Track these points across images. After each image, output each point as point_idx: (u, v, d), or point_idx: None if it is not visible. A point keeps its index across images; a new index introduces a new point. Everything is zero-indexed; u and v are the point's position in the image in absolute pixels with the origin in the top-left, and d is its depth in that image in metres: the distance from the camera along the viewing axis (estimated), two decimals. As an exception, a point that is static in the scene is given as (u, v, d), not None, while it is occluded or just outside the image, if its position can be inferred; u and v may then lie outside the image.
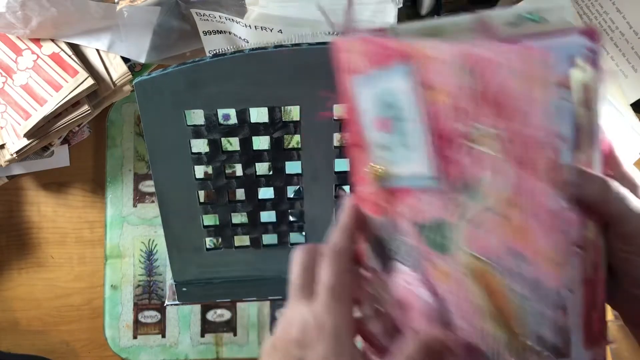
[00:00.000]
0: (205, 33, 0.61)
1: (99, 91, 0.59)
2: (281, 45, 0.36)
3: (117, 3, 0.57)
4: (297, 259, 0.32)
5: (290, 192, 0.43)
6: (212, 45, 0.62)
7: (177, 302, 0.45)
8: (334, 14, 0.53)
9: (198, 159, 0.40)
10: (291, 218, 0.43)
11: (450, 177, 0.27)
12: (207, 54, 0.63)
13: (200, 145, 0.40)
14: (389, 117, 0.29)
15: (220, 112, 0.39)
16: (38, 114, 0.57)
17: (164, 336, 0.67)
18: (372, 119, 0.30)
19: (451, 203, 0.27)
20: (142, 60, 0.60)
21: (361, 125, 0.31)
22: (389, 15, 0.53)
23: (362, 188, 0.32)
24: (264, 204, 0.42)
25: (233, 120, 0.39)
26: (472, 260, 0.27)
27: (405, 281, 0.31)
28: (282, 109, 0.39)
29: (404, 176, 0.29)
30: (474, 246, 0.27)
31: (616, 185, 0.25)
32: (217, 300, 0.45)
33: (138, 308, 0.67)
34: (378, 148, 0.30)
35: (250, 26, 0.56)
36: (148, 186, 0.66)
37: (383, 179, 0.31)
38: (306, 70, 0.37)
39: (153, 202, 0.65)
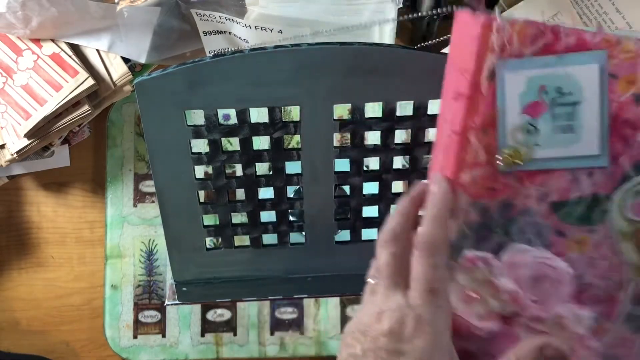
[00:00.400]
0: (205, 33, 0.61)
1: (99, 91, 0.59)
2: (281, 46, 0.36)
3: (118, 3, 0.57)
4: (385, 245, 0.31)
5: (290, 192, 0.43)
6: (212, 45, 0.62)
7: (177, 302, 0.45)
8: (336, 13, 0.53)
9: (198, 159, 0.40)
10: (291, 218, 0.43)
11: (623, 157, 0.31)
12: (207, 54, 0.63)
13: (200, 145, 0.40)
14: (544, 101, 0.31)
15: (220, 112, 0.39)
16: (38, 114, 0.57)
17: (164, 336, 0.67)
18: (518, 102, 0.31)
19: (612, 179, 0.31)
20: (143, 60, 0.60)
21: (495, 109, 0.31)
22: (389, 15, 0.53)
23: (466, 174, 0.32)
24: (264, 204, 0.42)
25: (233, 120, 0.39)
26: (628, 225, 0.32)
27: (535, 257, 0.33)
28: (282, 109, 0.39)
29: (552, 158, 0.32)
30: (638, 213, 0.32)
31: None
32: (217, 300, 0.45)
33: (138, 308, 0.67)
34: (519, 132, 0.31)
35: (250, 26, 0.56)
36: (148, 186, 0.66)
37: (517, 163, 0.32)
38: (306, 70, 0.37)
39: (153, 202, 0.65)
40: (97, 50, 0.59)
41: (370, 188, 0.43)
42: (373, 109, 0.62)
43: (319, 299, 0.66)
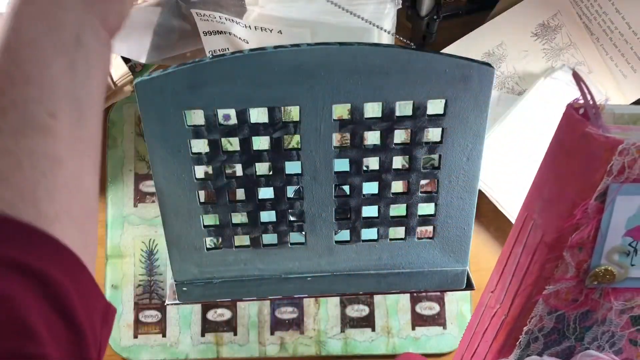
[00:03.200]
0: (205, 33, 0.61)
1: (100, 91, 0.59)
2: (281, 46, 0.36)
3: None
4: None
5: (290, 192, 0.43)
6: (212, 45, 0.62)
7: (177, 302, 0.45)
8: (334, 14, 0.53)
9: (198, 159, 0.40)
10: (291, 218, 0.43)
11: None
12: (208, 55, 0.63)
13: (200, 145, 0.40)
14: None
15: (220, 112, 0.39)
16: (39, 114, 0.57)
17: (164, 336, 0.67)
18: (624, 225, 0.30)
19: None
20: (143, 60, 0.60)
21: (597, 229, 0.30)
22: (389, 15, 0.53)
23: (551, 286, 0.32)
24: (264, 204, 0.42)
25: (233, 120, 0.39)
26: None
27: None
28: (282, 109, 0.39)
29: None
30: None
31: None
32: (217, 300, 0.45)
33: (138, 307, 0.67)
34: (617, 253, 0.31)
35: (250, 27, 0.56)
36: (149, 186, 0.66)
37: (610, 282, 0.31)
38: (306, 70, 0.37)
39: (153, 202, 0.65)
40: (98, 51, 0.59)
41: (370, 188, 0.43)
42: (373, 109, 0.62)
43: (319, 299, 0.66)
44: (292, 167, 0.41)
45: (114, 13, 0.31)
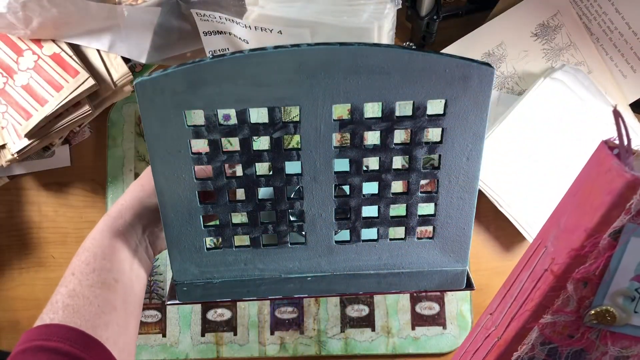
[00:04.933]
0: (205, 33, 0.61)
1: (100, 91, 0.59)
2: (281, 46, 0.36)
3: (119, 3, 0.57)
4: None
5: (290, 192, 0.43)
6: (212, 45, 0.62)
7: (177, 302, 0.45)
8: (334, 14, 0.53)
9: (198, 159, 0.40)
10: (291, 218, 0.43)
11: None
12: (208, 55, 0.63)
13: (200, 145, 0.40)
14: None
15: (220, 112, 0.39)
16: (39, 114, 0.57)
17: (164, 335, 0.67)
18: (635, 269, 0.29)
19: None
20: (143, 60, 0.60)
21: (606, 267, 0.30)
22: (389, 15, 0.53)
23: (549, 315, 0.32)
24: (264, 204, 0.43)
25: (233, 120, 0.39)
26: None
27: None
28: (282, 109, 0.39)
29: None
30: None
31: None
32: (218, 300, 0.45)
33: (138, 308, 0.67)
34: (621, 296, 0.30)
35: (249, 27, 0.56)
36: (148, 186, 0.66)
37: (610, 324, 0.31)
38: (306, 70, 0.37)
39: (153, 202, 0.65)
40: (98, 51, 0.59)
41: (370, 188, 0.43)
42: (372, 109, 0.62)
43: (319, 299, 0.66)
44: (292, 167, 0.41)
45: (161, 239, 0.50)
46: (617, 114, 0.29)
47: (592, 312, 0.31)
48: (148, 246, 0.48)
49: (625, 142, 0.29)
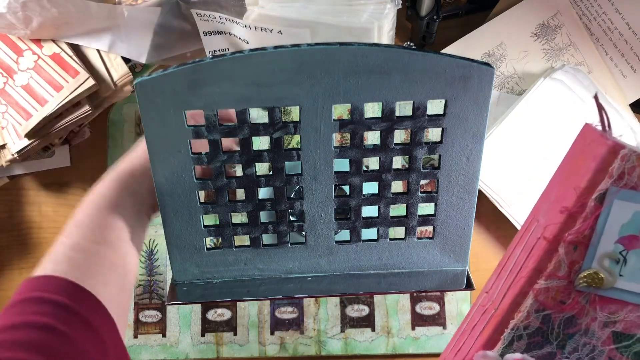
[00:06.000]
0: (205, 33, 0.61)
1: (100, 91, 0.59)
2: (281, 46, 0.36)
3: (119, 3, 0.57)
4: None
5: (290, 192, 0.43)
6: (212, 45, 0.62)
7: (177, 302, 0.45)
8: (334, 14, 0.53)
9: (198, 159, 0.40)
10: (291, 218, 0.43)
11: None
12: (208, 55, 0.63)
13: (200, 146, 0.41)
14: None
15: (221, 112, 0.39)
16: (39, 114, 0.57)
17: (164, 335, 0.67)
18: (618, 231, 0.31)
19: None
20: (143, 60, 0.60)
21: (593, 231, 0.31)
22: (389, 15, 0.53)
23: (543, 280, 0.33)
24: (264, 204, 0.43)
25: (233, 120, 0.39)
26: None
27: None
28: (282, 109, 0.39)
29: (632, 292, 0.32)
30: None
31: None
32: (217, 300, 0.45)
33: (139, 307, 0.67)
34: (607, 258, 0.32)
35: (249, 27, 0.56)
36: (148, 186, 0.66)
37: (598, 287, 0.32)
38: (306, 70, 0.37)
39: (153, 202, 0.65)
40: (98, 51, 0.59)
41: (370, 188, 0.43)
42: (372, 109, 0.62)
43: (319, 299, 0.66)
44: (292, 167, 0.42)
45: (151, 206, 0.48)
46: (597, 99, 0.32)
47: (582, 274, 0.32)
48: (149, 207, 0.47)
49: (606, 123, 0.32)
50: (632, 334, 0.33)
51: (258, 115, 0.59)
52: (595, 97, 0.33)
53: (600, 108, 0.32)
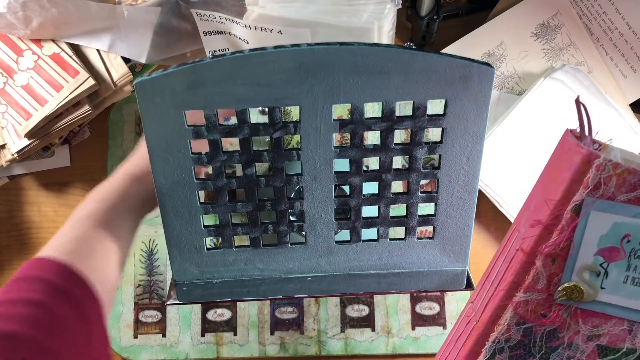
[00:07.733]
0: (205, 33, 0.61)
1: (100, 91, 0.59)
2: (281, 46, 0.36)
3: (119, 3, 0.57)
4: None
5: (290, 192, 0.43)
6: (212, 45, 0.62)
7: (177, 302, 0.45)
8: (334, 14, 0.53)
9: (198, 159, 0.40)
10: (291, 218, 0.43)
11: None
12: (208, 55, 0.63)
13: (200, 146, 0.41)
14: (624, 249, 0.30)
15: (221, 112, 0.39)
16: (39, 114, 0.57)
17: (164, 335, 0.67)
18: (596, 243, 0.30)
19: None
20: (143, 60, 0.60)
21: (570, 243, 0.31)
22: (389, 15, 0.53)
23: (521, 293, 0.32)
24: (264, 204, 0.43)
25: (233, 120, 0.39)
26: None
27: None
28: (282, 109, 0.39)
29: (615, 305, 0.31)
30: None
31: None
32: (217, 300, 0.45)
33: (139, 307, 0.67)
34: (587, 271, 0.31)
35: (249, 27, 0.56)
36: (148, 186, 0.66)
37: (579, 300, 0.32)
38: (306, 70, 0.37)
39: (153, 202, 0.65)
40: (98, 51, 0.59)
41: (370, 188, 0.43)
42: (372, 109, 0.62)
43: (319, 299, 0.66)
44: (292, 167, 0.42)
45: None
46: (578, 102, 0.31)
47: (561, 287, 0.32)
48: (149, 207, 0.50)
49: (586, 127, 0.31)
50: (619, 348, 0.32)
51: (258, 115, 0.59)
52: (576, 101, 0.31)
53: (580, 112, 0.31)
